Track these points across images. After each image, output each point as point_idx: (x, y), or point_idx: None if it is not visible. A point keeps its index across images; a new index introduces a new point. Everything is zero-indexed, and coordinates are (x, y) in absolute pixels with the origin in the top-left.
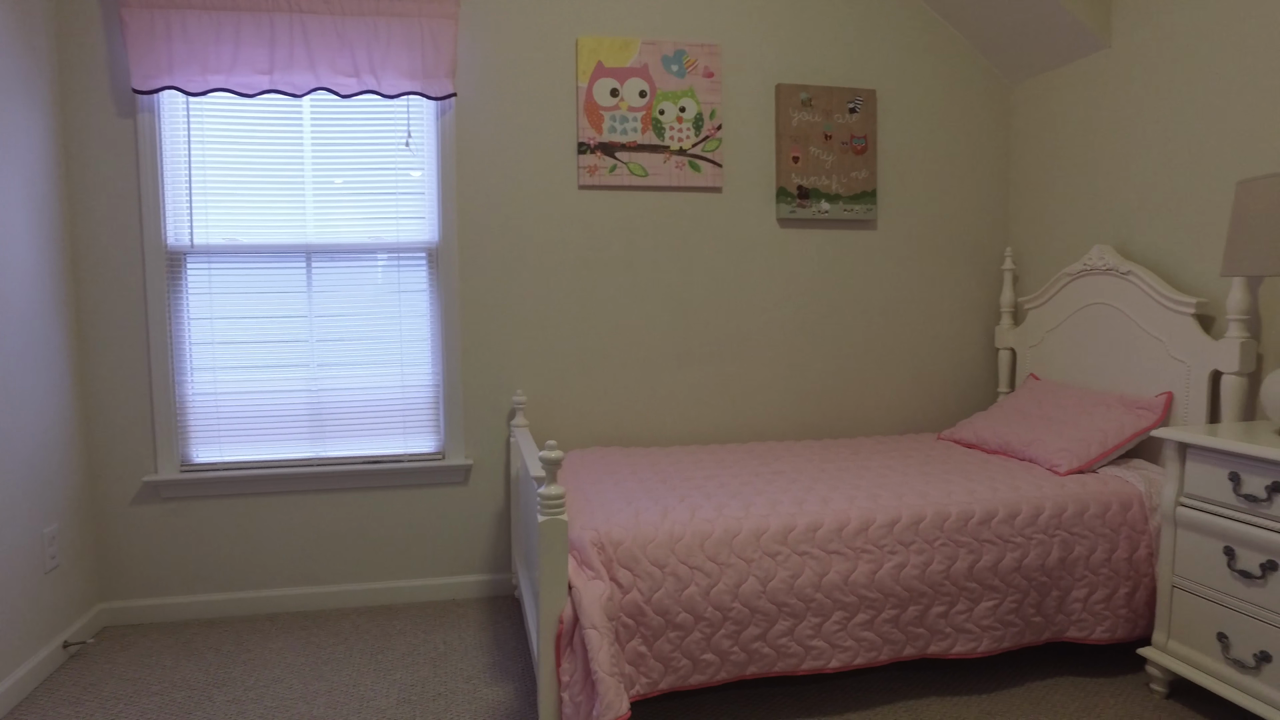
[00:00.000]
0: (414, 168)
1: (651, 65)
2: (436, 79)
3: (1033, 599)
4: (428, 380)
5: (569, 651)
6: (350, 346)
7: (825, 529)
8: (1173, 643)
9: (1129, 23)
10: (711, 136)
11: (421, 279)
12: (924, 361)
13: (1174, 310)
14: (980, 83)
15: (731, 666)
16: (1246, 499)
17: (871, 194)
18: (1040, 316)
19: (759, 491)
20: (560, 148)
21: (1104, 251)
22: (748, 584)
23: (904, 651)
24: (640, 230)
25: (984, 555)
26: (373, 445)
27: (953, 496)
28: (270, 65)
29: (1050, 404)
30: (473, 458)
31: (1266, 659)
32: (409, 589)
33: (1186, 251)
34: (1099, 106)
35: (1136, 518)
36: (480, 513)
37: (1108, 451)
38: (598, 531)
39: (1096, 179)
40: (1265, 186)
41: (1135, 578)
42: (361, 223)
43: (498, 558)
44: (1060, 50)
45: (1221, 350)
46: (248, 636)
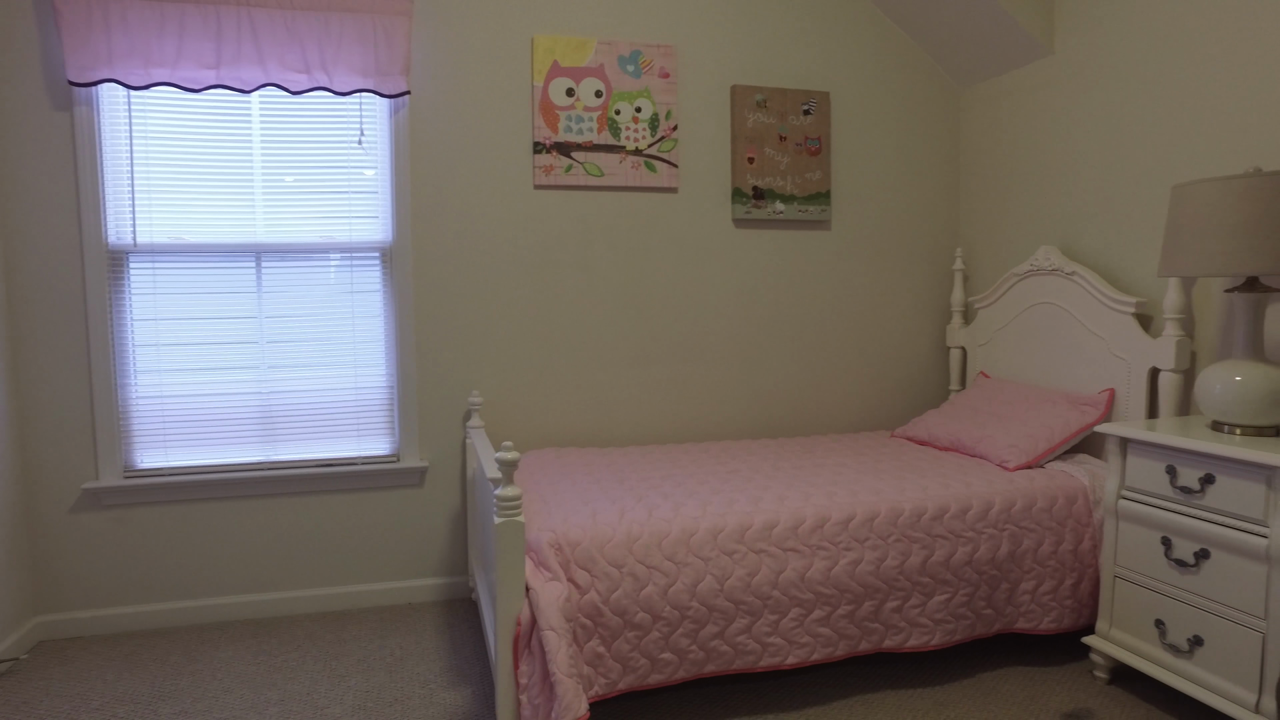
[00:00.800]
0: (367, 166)
1: (607, 65)
2: (390, 76)
3: (983, 592)
4: (382, 382)
5: (527, 653)
6: (302, 348)
7: (781, 527)
8: (1115, 631)
9: (1071, 32)
10: (667, 137)
11: (375, 279)
12: (877, 360)
13: (1115, 310)
14: (931, 86)
15: (690, 665)
16: (1182, 490)
17: (825, 195)
18: (990, 316)
19: (715, 491)
20: (516, 147)
21: (1050, 252)
22: (705, 583)
23: (859, 646)
24: (596, 230)
25: (936, 550)
26: (326, 448)
27: (906, 493)
28: (217, 60)
29: (999, 401)
30: (428, 459)
31: (1199, 643)
32: (364, 593)
33: (1127, 253)
34: (1043, 111)
35: (1081, 511)
36: (436, 515)
37: (1054, 447)
38: (555, 532)
39: (1042, 182)
40: (1199, 191)
41: (1080, 569)
42: (313, 222)
43: (454, 560)
44: (1006, 56)
45: (1159, 348)
46: (196, 647)
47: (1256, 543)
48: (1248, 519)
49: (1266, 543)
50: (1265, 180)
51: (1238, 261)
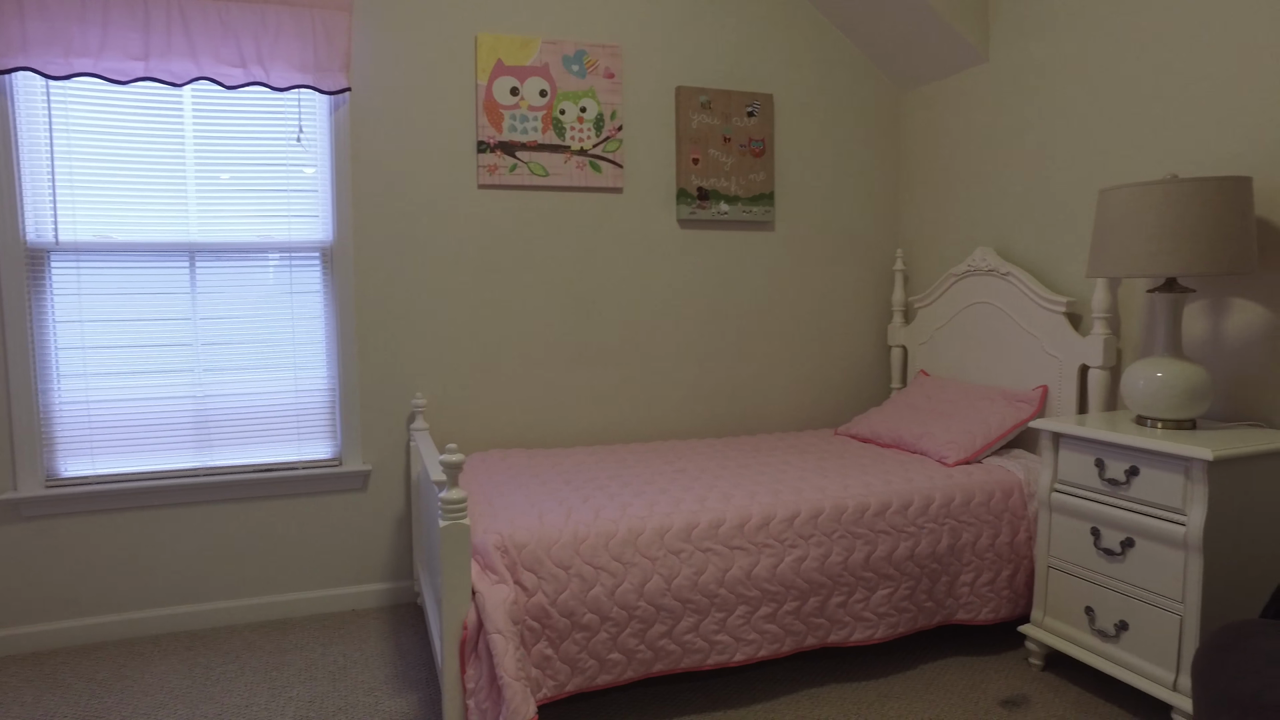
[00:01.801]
0: (307, 164)
1: (552, 65)
2: (329, 72)
3: (924, 585)
4: (323, 384)
5: (474, 657)
6: (239, 350)
7: (728, 525)
8: (1049, 619)
9: (1005, 40)
10: (612, 137)
11: (315, 279)
12: (821, 359)
13: (1048, 309)
14: (872, 90)
15: (638, 665)
16: (1109, 483)
17: (769, 196)
18: (929, 315)
19: (662, 490)
20: (459, 146)
21: (986, 253)
22: (652, 582)
23: (805, 642)
24: (541, 230)
25: (879, 545)
26: (265, 453)
27: (849, 490)
28: (145, 51)
29: (939, 398)
30: (371, 463)
31: (1125, 628)
32: (306, 601)
33: (1058, 254)
34: (979, 117)
35: (1017, 504)
36: (380, 519)
37: (991, 442)
38: (501, 535)
39: (978, 185)
40: (1122, 195)
41: (1016, 560)
42: (250, 221)
43: (399, 565)
44: (944, 63)
45: (1088, 346)
46: (125, 662)
47: (1176, 530)
48: (1168, 508)
49: (1184, 530)
50: (1180, 186)
51: (1157, 263)
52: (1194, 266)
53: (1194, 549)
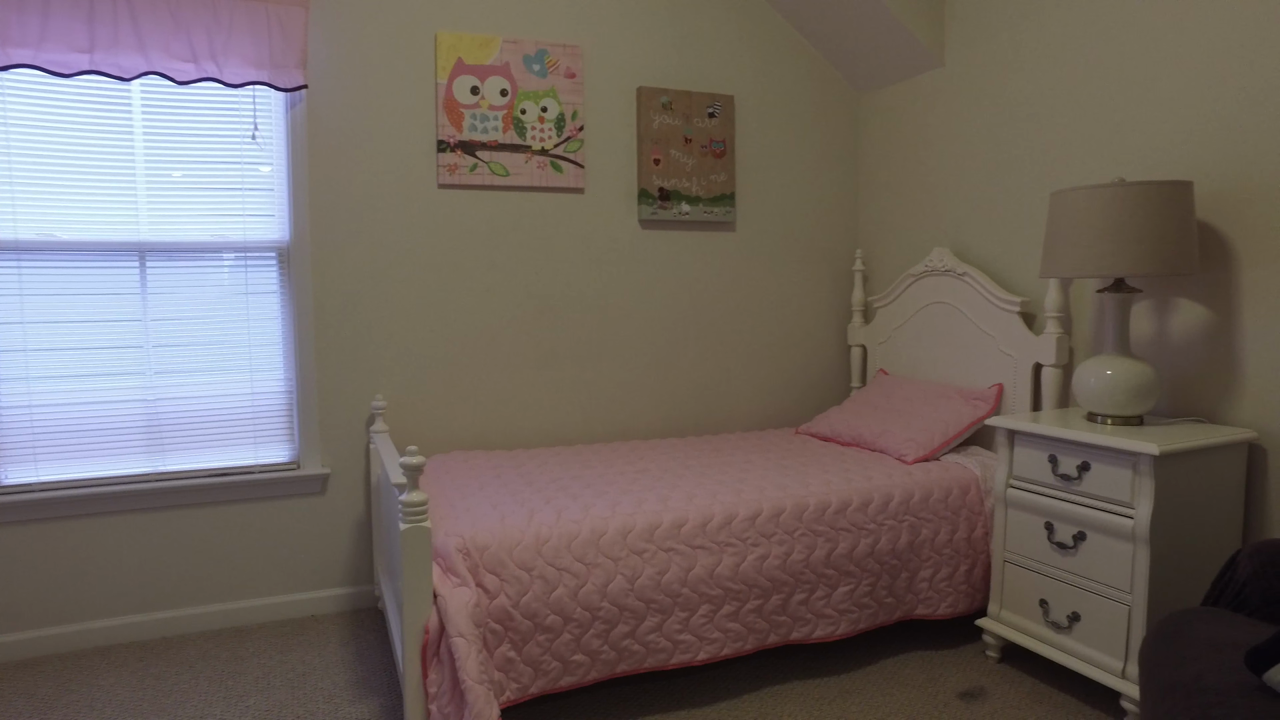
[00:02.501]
0: (262, 162)
1: (513, 64)
2: (285, 69)
3: (884, 581)
4: (280, 386)
5: (436, 662)
6: (192, 352)
7: (690, 525)
8: (1004, 612)
9: (960, 45)
10: (573, 137)
11: (272, 280)
12: (781, 359)
13: (1003, 309)
14: (831, 93)
15: (602, 666)
16: (1062, 478)
17: (730, 197)
18: (888, 315)
19: (624, 490)
20: (419, 145)
21: (943, 254)
22: (615, 583)
23: (768, 639)
24: (502, 230)
25: (840, 543)
26: (220, 457)
27: (810, 488)
28: (90, 43)
29: (898, 397)
30: (330, 466)
31: (1077, 619)
32: (263, 607)
33: (1012, 254)
34: (936, 120)
35: (974, 500)
36: (339, 523)
37: (949, 440)
38: (463, 537)
39: (935, 186)
40: (1072, 198)
41: (973, 555)
42: (204, 219)
43: (359, 569)
44: (901, 66)
45: (1042, 345)
46: (71, 676)
47: (1124, 523)
48: (1118, 502)
49: (1133, 523)
50: (1128, 190)
51: (1106, 264)
52: (1140, 267)
53: (1141, 541)
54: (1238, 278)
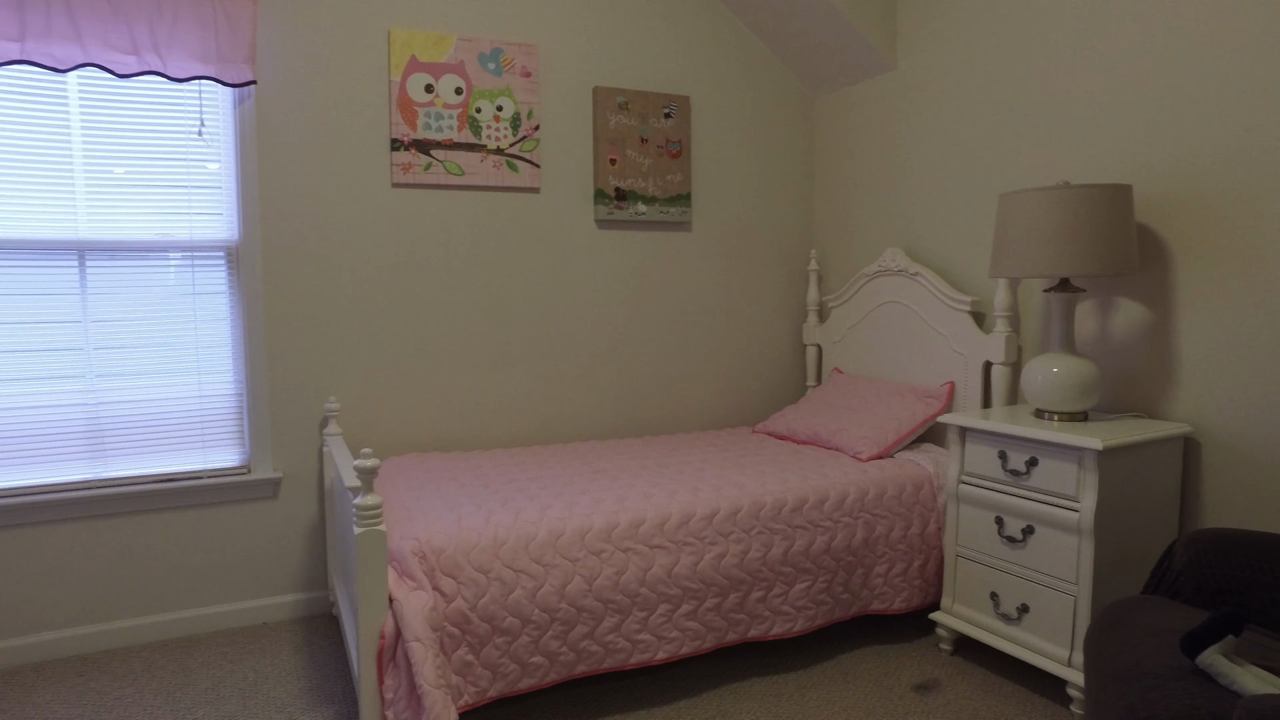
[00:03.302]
0: (210, 159)
1: (468, 62)
2: (233, 64)
3: (841, 578)
4: (230, 389)
5: (392, 667)
6: (136, 354)
7: (648, 524)
8: (957, 605)
9: (911, 51)
10: (529, 137)
11: (220, 280)
12: (738, 358)
13: (954, 308)
14: (785, 94)
15: (561, 667)
16: (1012, 473)
17: (686, 197)
18: (842, 314)
19: (582, 491)
20: (372, 143)
21: (895, 254)
22: (574, 584)
23: (727, 637)
24: (457, 230)
25: (797, 540)
26: (166, 462)
27: (767, 486)
28: (21, 32)
29: (853, 395)
30: (282, 470)
31: (1026, 610)
32: (212, 616)
33: (963, 255)
34: (888, 123)
35: (927, 496)
36: (292, 528)
37: (903, 437)
38: (418, 540)
39: (888, 188)
40: (1020, 200)
41: (927, 551)
42: (148, 218)
43: (313, 574)
44: (854, 69)
45: (991, 343)
46: (4, 693)
47: (1070, 516)
48: (1064, 496)
49: (1078, 516)
50: (1072, 192)
51: (1052, 264)
52: (1084, 267)
53: (1086, 533)
54: (1173, 278)
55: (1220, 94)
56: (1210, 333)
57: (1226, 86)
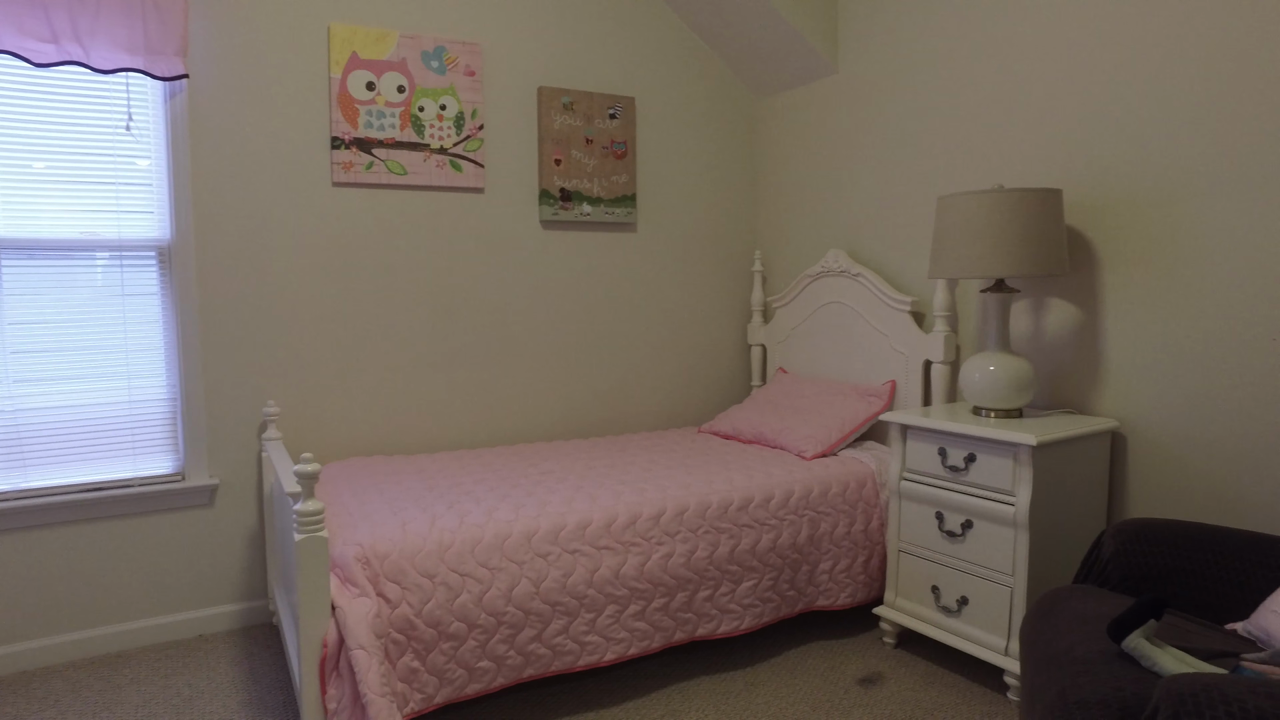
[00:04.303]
0: (139, 155)
1: (410, 60)
2: (163, 56)
3: (786, 575)
4: (162, 394)
5: (335, 676)
6: (59, 358)
7: (595, 526)
8: (900, 600)
9: (852, 54)
10: (473, 136)
11: (151, 281)
12: (683, 358)
13: (894, 308)
14: (729, 96)
15: (509, 671)
16: (951, 469)
17: (631, 198)
18: (786, 314)
19: (528, 493)
20: (312, 141)
21: (838, 255)
22: (521, 587)
23: (674, 637)
24: (400, 230)
25: (743, 539)
26: (93, 470)
27: (713, 486)
28: None
29: (797, 395)
30: (219, 476)
31: (965, 603)
32: (143, 630)
33: (903, 256)
34: (829, 125)
35: (870, 493)
36: (230, 536)
37: (846, 436)
38: (362, 546)
39: (830, 190)
40: (957, 202)
41: (870, 547)
42: (72, 216)
43: (252, 583)
44: (797, 72)
45: (931, 342)
46: None
47: (1006, 510)
48: (1000, 490)
49: (1014, 510)
50: (1006, 195)
51: (987, 265)
52: (1018, 268)
53: (1021, 526)
54: (1100, 279)
55: (1140, 106)
56: (1134, 332)
57: (1146, 100)
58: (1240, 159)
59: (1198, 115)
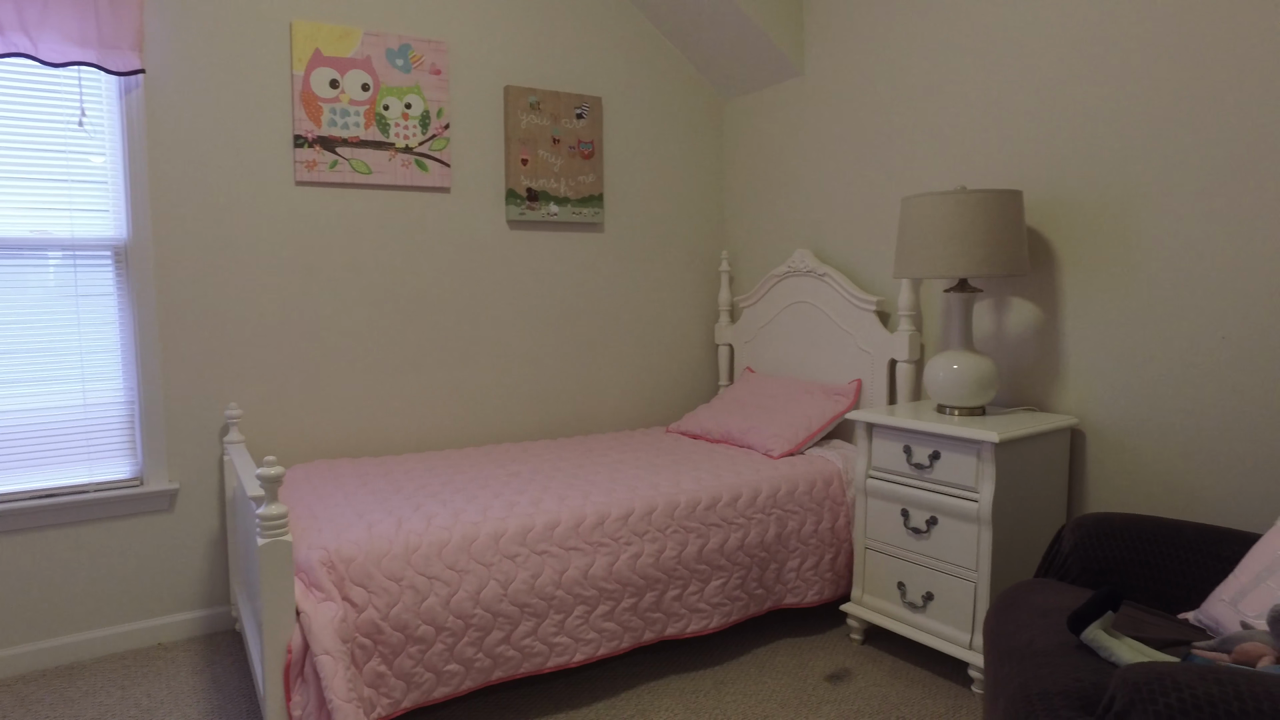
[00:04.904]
0: (94, 152)
1: (375, 58)
2: (117, 50)
3: (755, 574)
4: (119, 397)
5: (300, 683)
6: (10, 361)
7: (563, 526)
8: (866, 596)
9: (818, 55)
10: (439, 135)
11: (107, 281)
12: (651, 358)
13: (860, 308)
14: (697, 97)
15: (477, 674)
16: (916, 467)
17: (599, 198)
18: (753, 314)
19: (496, 494)
20: (274, 139)
21: (804, 255)
22: (489, 588)
23: (644, 637)
24: (364, 230)
25: (711, 538)
26: (47, 476)
27: (681, 485)
28: None
29: (764, 394)
30: (179, 481)
31: (931, 598)
32: (100, 640)
33: (868, 256)
34: (796, 126)
35: (837, 491)
36: (191, 542)
37: (813, 434)
38: (327, 550)
39: (796, 190)
40: (921, 203)
41: (837, 544)
42: (21, 213)
43: (214, 589)
44: (763, 74)
45: (896, 341)
46: None
47: (970, 507)
48: (964, 487)
49: (977, 506)
50: (969, 196)
51: (951, 265)
52: (981, 268)
53: (985, 522)
54: (1059, 279)
55: (1097, 111)
56: (1091, 331)
57: (1103, 105)
58: (1192, 163)
59: (1152, 121)
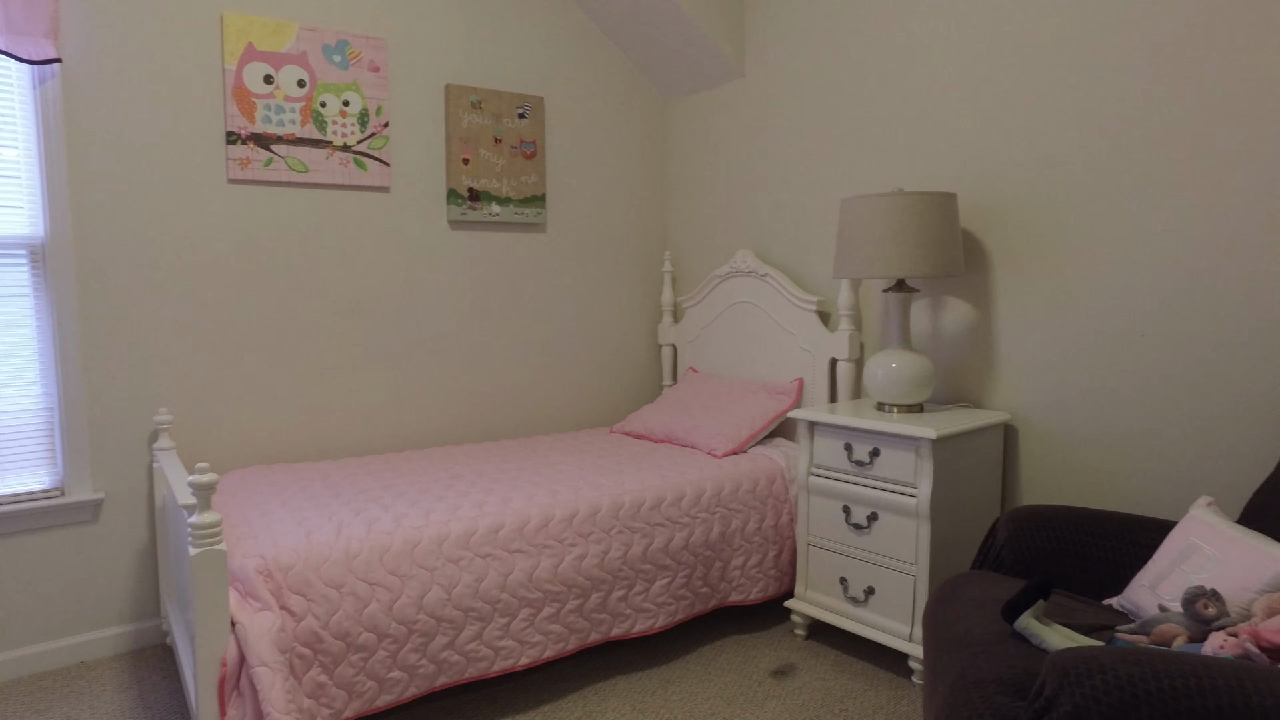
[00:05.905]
0: (6, 145)
1: (311, 53)
2: (29, 37)
3: (700, 572)
4: (37, 403)
5: (236, 696)
6: None
7: (507, 529)
8: (809, 592)
9: (759, 59)
10: (378, 134)
11: (23, 281)
12: (595, 359)
13: (801, 308)
14: (639, 98)
15: (421, 680)
16: (857, 464)
17: (541, 198)
18: (697, 314)
19: (439, 498)
20: (205, 135)
21: (746, 256)
22: (432, 593)
23: (590, 638)
24: (301, 230)
25: (656, 538)
26: None
27: (625, 486)
28: None
29: (707, 394)
30: (104, 490)
31: (872, 592)
32: (16, 661)
33: (809, 257)
34: (737, 128)
35: (779, 489)
36: (117, 554)
37: (755, 433)
38: (264, 558)
39: (738, 192)
40: (859, 205)
41: (780, 541)
42: None
43: (142, 603)
44: (705, 76)
45: (836, 341)
46: None
47: (909, 502)
48: (903, 483)
49: (916, 501)
50: (905, 198)
51: (888, 265)
52: (917, 269)
53: (923, 517)
54: (992, 280)
55: (1028, 116)
56: (1023, 329)
57: (1034, 110)
58: (1115, 170)
59: (1080, 126)
